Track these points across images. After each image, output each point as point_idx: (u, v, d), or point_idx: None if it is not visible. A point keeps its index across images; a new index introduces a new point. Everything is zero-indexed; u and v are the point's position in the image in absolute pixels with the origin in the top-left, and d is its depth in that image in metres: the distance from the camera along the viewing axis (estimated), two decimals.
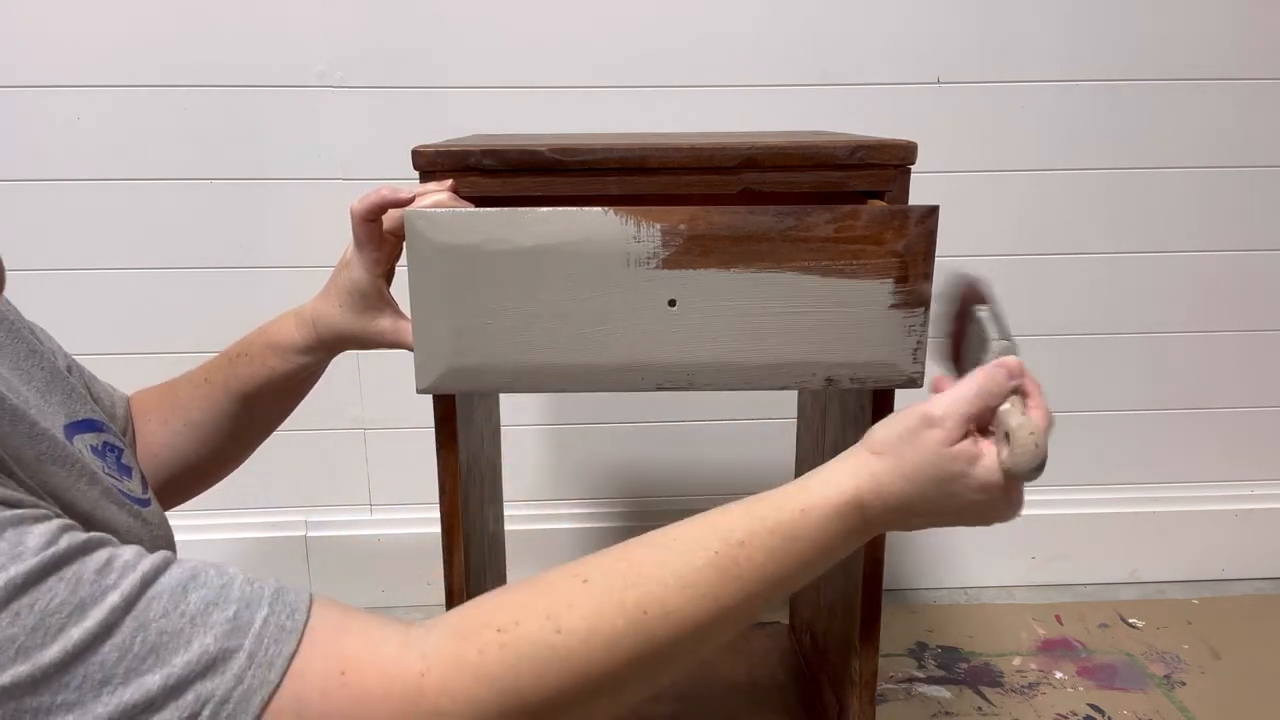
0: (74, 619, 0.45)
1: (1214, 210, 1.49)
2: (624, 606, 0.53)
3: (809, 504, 0.58)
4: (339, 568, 1.56)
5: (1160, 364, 1.56)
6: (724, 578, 0.55)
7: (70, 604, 0.45)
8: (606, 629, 0.53)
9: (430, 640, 0.52)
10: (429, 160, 0.77)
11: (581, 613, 0.53)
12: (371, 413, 1.51)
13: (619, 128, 1.39)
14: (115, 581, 0.47)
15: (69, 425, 0.66)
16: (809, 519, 0.58)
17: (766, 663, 1.22)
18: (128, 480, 0.68)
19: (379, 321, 0.79)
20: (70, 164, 1.37)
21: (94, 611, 0.46)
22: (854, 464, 0.60)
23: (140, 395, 0.85)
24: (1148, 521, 1.61)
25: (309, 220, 1.41)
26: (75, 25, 1.32)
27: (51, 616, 0.45)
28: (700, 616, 0.55)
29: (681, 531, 0.58)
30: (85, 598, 0.46)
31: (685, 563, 0.55)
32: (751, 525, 0.57)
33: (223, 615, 0.48)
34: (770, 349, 0.73)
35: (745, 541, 0.56)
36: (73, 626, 0.45)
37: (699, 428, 1.54)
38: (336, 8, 1.33)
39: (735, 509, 0.59)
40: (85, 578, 0.46)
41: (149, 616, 0.47)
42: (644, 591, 0.54)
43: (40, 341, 0.71)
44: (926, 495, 0.58)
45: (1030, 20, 1.39)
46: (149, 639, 0.46)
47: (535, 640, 0.52)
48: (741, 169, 0.78)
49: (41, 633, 0.44)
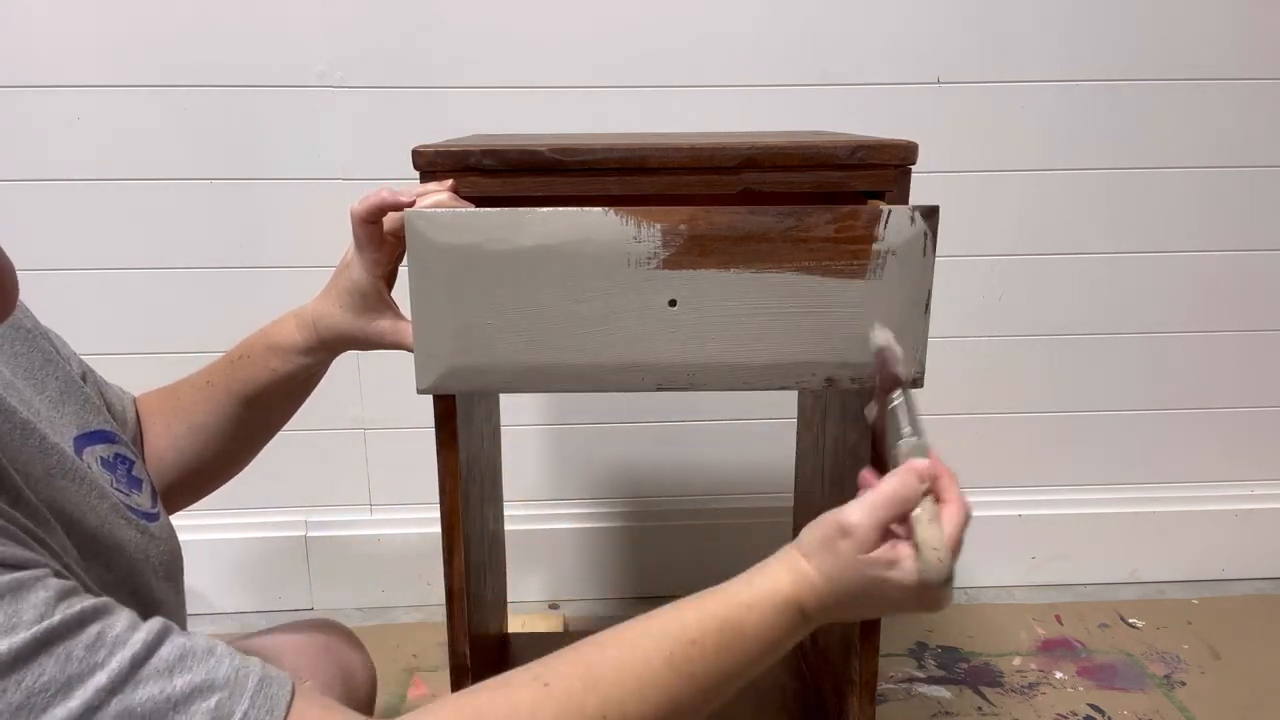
0: (59, 699, 0.45)
1: (1214, 210, 1.49)
2: (584, 711, 0.54)
3: (753, 600, 0.60)
4: (339, 568, 1.56)
5: (1160, 364, 1.56)
6: (679, 676, 0.57)
7: (58, 682, 0.45)
8: None
9: None
10: (429, 160, 0.77)
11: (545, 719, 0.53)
12: (371, 413, 1.51)
13: (619, 128, 1.39)
14: (104, 659, 0.47)
15: (80, 436, 0.66)
16: (754, 615, 0.60)
17: None
18: (137, 494, 0.68)
19: (379, 322, 0.79)
20: (70, 164, 1.37)
21: (79, 692, 0.46)
22: (789, 564, 0.62)
23: (143, 399, 0.85)
24: (1148, 521, 1.61)
25: (309, 220, 1.41)
26: (75, 25, 1.32)
27: (38, 695, 0.45)
28: (657, 714, 0.56)
29: (636, 630, 0.59)
30: (73, 676, 0.46)
31: (642, 664, 0.57)
32: (703, 621, 0.59)
33: (205, 704, 0.49)
34: (770, 349, 0.73)
35: (697, 640, 0.58)
36: (57, 706, 0.45)
37: (699, 428, 1.54)
38: (336, 8, 1.33)
39: (686, 605, 0.60)
40: (75, 655, 0.46)
41: (134, 701, 0.47)
42: (604, 695, 0.55)
43: (56, 349, 0.71)
44: (855, 595, 0.60)
45: (1030, 20, 1.39)
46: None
47: None
48: (741, 169, 0.78)
49: (26, 711, 0.45)
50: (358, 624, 1.51)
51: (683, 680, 0.57)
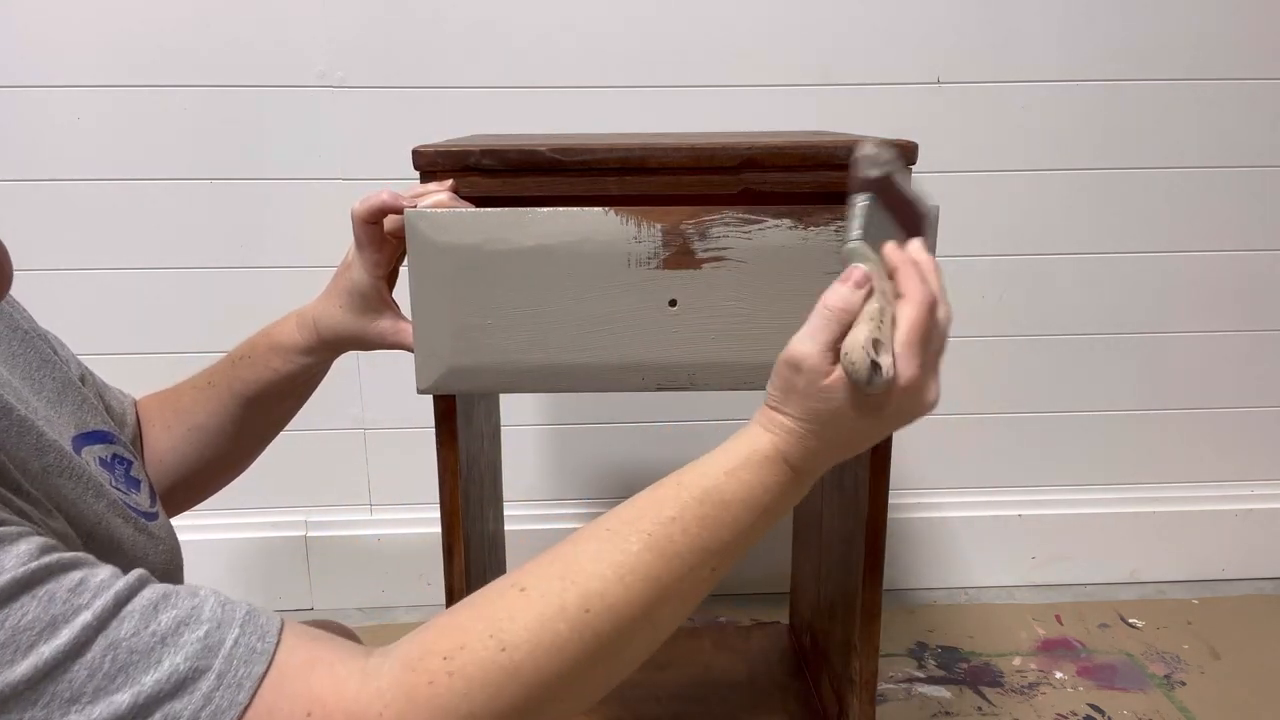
0: (45, 636, 0.45)
1: (1214, 210, 1.49)
2: (565, 610, 0.53)
3: (732, 465, 0.58)
4: (339, 568, 1.56)
5: (1160, 364, 1.56)
6: (661, 557, 0.55)
7: (42, 621, 0.45)
8: (550, 637, 0.52)
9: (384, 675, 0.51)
10: (429, 160, 0.77)
11: (523, 624, 0.52)
12: (371, 413, 1.51)
13: (619, 128, 1.39)
14: (88, 601, 0.47)
15: (78, 436, 0.66)
16: (735, 480, 0.57)
17: (766, 663, 1.22)
18: (135, 494, 0.68)
19: (379, 323, 0.79)
20: (70, 164, 1.37)
21: (65, 630, 0.46)
22: (764, 420, 0.59)
23: (144, 401, 0.85)
24: (1148, 521, 1.61)
25: (309, 220, 1.41)
26: (75, 25, 1.32)
27: (23, 634, 0.45)
28: (645, 601, 0.54)
29: (613, 519, 0.57)
30: (57, 615, 0.46)
31: (621, 551, 0.55)
32: (680, 497, 0.57)
33: (193, 635, 0.48)
34: (770, 348, 0.73)
35: (676, 516, 0.56)
36: (43, 644, 0.45)
37: (699, 428, 1.54)
38: (336, 8, 1.33)
39: (663, 485, 0.58)
40: (58, 596, 0.46)
41: (120, 635, 0.47)
42: (584, 589, 0.53)
43: (54, 350, 0.71)
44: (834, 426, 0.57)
45: (1030, 20, 1.39)
46: (119, 658, 0.46)
47: (481, 661, 0.51)
48: (741, 169, 0.78)
49: (12, 649, 0.44)
50: (358, 624, 1.51)
51: (666, 560, 0.55)
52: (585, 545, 0.56)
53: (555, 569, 0.55)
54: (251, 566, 1.55)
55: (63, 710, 0.45)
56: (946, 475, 1.60)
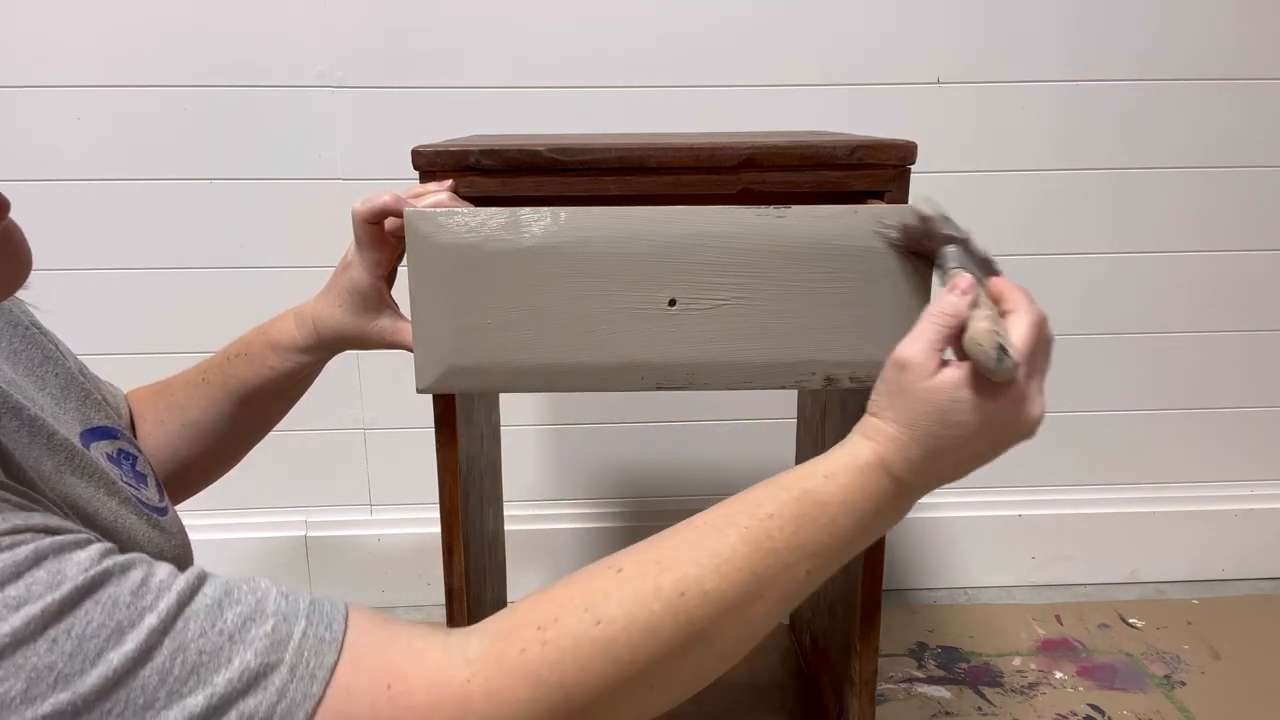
0: (112, 643, 0.45)
1: (1214, 210, 1.49)
2: (660, 591, 0.53)
3: (831, 470, 0.58)
4: (339, 568, 1.56)
5: (1160, 364, 1.56)
6: (757, 551, 0.55)
7: (107, 628, 0.45)
8: (645, 615, 0.52)
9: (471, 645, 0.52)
10: (429, 160, 0.77)
11: (618, 601, 0.52)
12: (371, 413, 1.51)
13: (619, 128, 1.39)
14: (151, 603, 0.46)
15: (85, 433, 0.66)
16: (834, 483, 0.57)
17: (766, 663, 1.22)
18: (144, 488, 0.68)
19: (379, 322, 0.79)
20: (70, 164, 1.37)
21: (131, 635, 0.45)
22: (865, 429, 0.60)
23: (134, 394, 0.85)
24: (1148, 521, 1.61)
25: (309, 220, 1.41)
26: (75, 25, 1.32)
27: (89, 642, 0.44)
28: (739, 592, 0.54)
29: (710, 514, 0.58)
30: (122, 621, 0.45)
31: (717, 541, 0.55)
32: (778, 496, 0.57)
33: (260, 630, 0.48)
34: (770, 348, 0.73)
35: (774, 513, 0.56)
36: (111, 651, 0.44)
37: (699, 428, 1.54)
38: (336, 8, 1.33)
39: (761, 485, 0.59)
40: (121, 600, 0.46)
41: (187, 637, 0.46)
42: (679, 574, 0.53)
43: (55, 346, 0.71)
44: (938, 434, 0.57)
45: (1030, 20, 1.39)
46: (189, 659, 0.46)
47: (575, 634, 0.51)
48: (741, 169, 0.78)
49: (80, 659, 0.44)
50: None
51: (762, 554, 0.55)
52: (682, 535, 0.56)
53: (651, 554, 0.55)
54: (251, 567, 1.55)
55: (137, 716, 0.44)
56: None
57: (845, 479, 0.57)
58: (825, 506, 0.57)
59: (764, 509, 0.56)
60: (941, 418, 0.57)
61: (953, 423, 0.57)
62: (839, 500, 0.57)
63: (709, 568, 0.54)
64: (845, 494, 0.57)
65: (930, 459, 0.58)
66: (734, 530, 0.55)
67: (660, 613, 0.52)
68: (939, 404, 0.57)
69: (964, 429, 0.57)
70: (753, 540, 0.55)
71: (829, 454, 0.60)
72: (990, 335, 0.55)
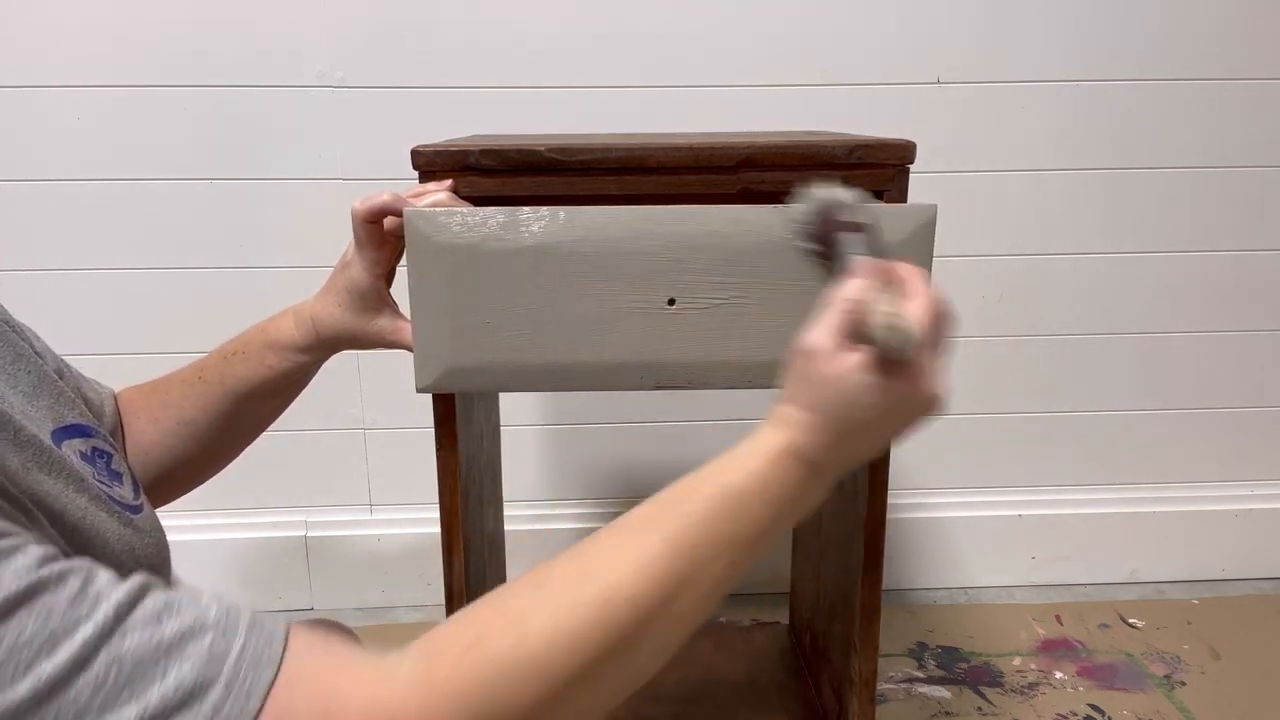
0: (44, 653, 0.44)
1: (1214, 210, 1.49)
2: (582, 603, 0.53)
3: (744, 462, 0.58)
4: (339, 568, 1.56)
5: (1160, 364, 1.56)
6: (678, 551, 0.55)
7: (40, 637, 0.44)
8: (569, 629, 0.52)
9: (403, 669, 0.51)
10: (428, 160, 0.77)
11: (541, 618, 0.52)
12: (371, 413, 1.51)
13: (619, 128, 1.39)
14: (88, 612, 0.46)
15: (56, 431, 0.65)
16: (749, 475, 0.58)
17: (766, 663, 1.22)
18: (118, 486, 0.67)
19: (378, 321, 0.79)
20: (70, 164, 1.37)
21: (65, 645, 0.45)
22: (776, 417, 0.60)
23: (128, 393, 0.84)
24: (1148, 521, 1.61)
25: (309, 220, 1.41)
26: (75, 25, 1.32)
27: (21, 651, 0.44)
28: (663, 593, 0.54)
29: (631, 517, 0.58)
30: (56, 630, 0.45)
31: (638, 546, 0.55)
32: (698, 492, 0.57)
33: (198, 646, 0.47)
34: (770, 348, 0.73)
35: (692, 510, 0.56)
36: (43, 661, 0.44)
37: (699, 428, 1.54)
38: (336, 8, 1.33)
39: (680, 483, 0.59)
40: (57, 609, 0.45)
41: (123, 649, 0.46)
42: (601, 583, 0.54)
43: (30, 344, 0.70)
44: (845, 417, 0.58)
45: (1030, 20, 1.39)
46: (124, 671, 0.45)
47: (500, 653, 0.51)
48: (740, 169, 0.78)
49: (11, 668, 0.43)
50: (358, 624, 1.51)
51: (684, 553, 0.55)
52: (603, 542, 0.56)
53: (574, 565, 0.55)
54: (251, 566, 1.55)
55: None
56: (946, 475, 1.60)
57: (759, 468, 0.58)
58: (742, 498, 0.57)
59: (682, 507, 0.57)
60: (847, 400, 0.58)
61: (858, 404, 0.58)
62: (755, 491, 0.58)
63: (630, 572, 0.54)
64: (761, 484, 0.58)
65: (839, 441, 0.59)
66: (655, 533, 0.55)
67: (587, 622, 0.52)
68: (844, 388, 0.58)
69: (869, 410, 0.58)
70: (673, 540, 0.55)
71: (742, 446, 0.60)
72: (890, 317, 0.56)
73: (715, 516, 0.56)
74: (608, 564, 0.55)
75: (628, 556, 0.55)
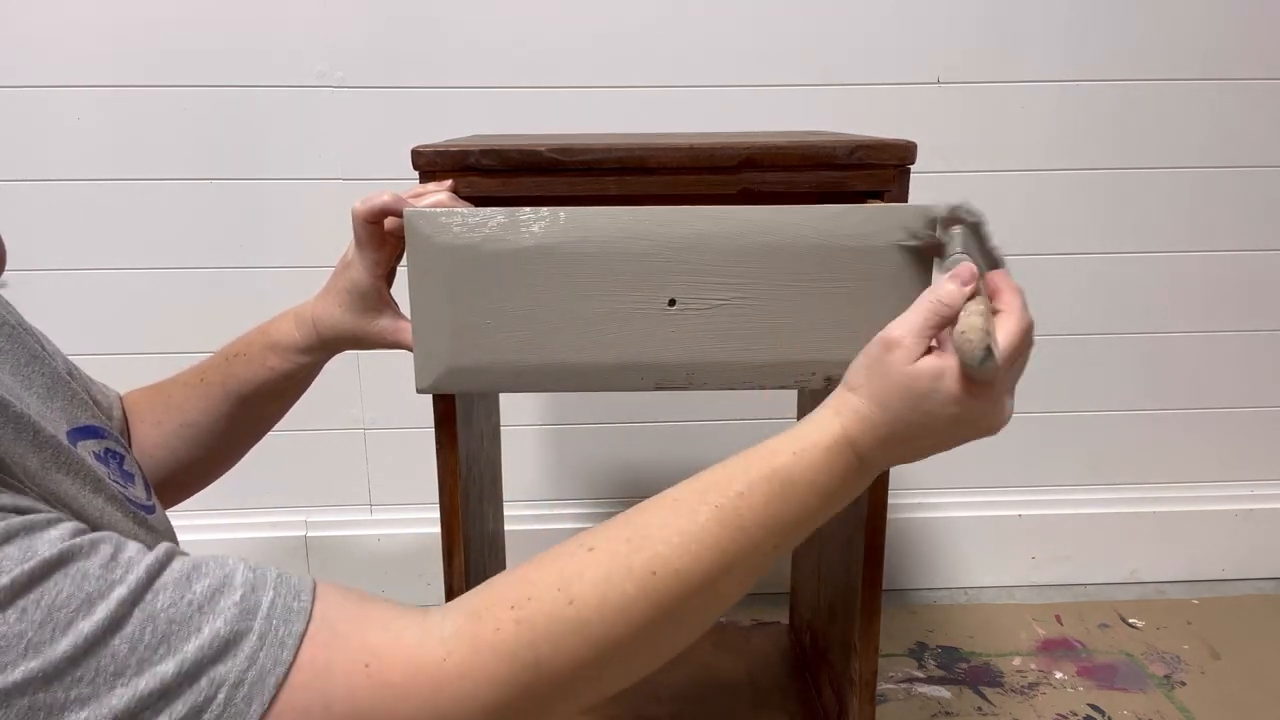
0: (81, 613, 0.45)
1: (1214, 210, 1.49)
2: (632, 570, 0.54)
3: (800, 447, 0.59)
4: (339, 568, 1.56)
5: (1160, 364, 1.56)
6: (727, 529, 0.56)
7: (77, 598, 0.46)
8: (617, 595, 0.53)
9: (447, 625, 0.52)
10: (428, 160, 0.77)
11: (591, 581, 0.53)
12: (371, 413, 1.51)
13: (619, 128, 1.39)
14: (121, 576, 0.47)
15: (71, 431, 0.66)
16: (803, 461, 0.58)
17: (766, 663, 1.22)
18: (132, 487, 0.68)
19: (379, 321, 0.79)
20: (70, 164, 1.37)
21: (101, 605, 0.46)
22: (836, 404, 0.61)
23: (131, 395, 0.85)
24: (1148, 521, 1.61)
25: (309, 220, 1.41)
26: (75, 25, 1.32)
27: (59, 611, 0.45)
28: (709, 571, 0.55)
29: (681, 490, 0.58)
30: (91, 592, 0.46)
31: (688, 520, 0.56)
32: (749, 474, 0.58)
33: (229, 600, 0.49)
34: (770, 348, 0.73)
35: (744, 492, 0.57)
36: (81, 620, 0.45)
37: (699, 428, 1.54)
38: (336, 8, 1.33)
39: (732, 461, 0.59)
40: (91, 573, 0.47)
41: (156, 607, 0.47)
42: (651, 553, 0.54)
43: (41, 345, 0.71)
44: (908, 419, 0.58)
45: (1030, 20, 1.39)
46: (159, 628, 0.47)
47: (549, 613, 0.52)
48: (740, 169, 0.78)
49: (50, 627, 0.45)
50: None
51: (731, 533, 0.56)
52: (654, 513, 0.57)
53: (624, 532, 0.56)
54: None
55: (109, 684, 0.45)
56: (946, 475, 1.60)
57: (813, 456, 0.58)
58: (794, 485, 0.58)
59: (734, 487, 0.57)
60: (916, 404, 0.58)
61: (925, 410, 0.58)
62: (808, 479, 0.58)
63: (680, 547, 0.55)
64: (813, 472, 0.58)
65: (895, 441, 0.59)
66: (705, 509, 0.56)
67: (632, 592, 0.53)
68: (917, 390, 0.58)
69: (933, 418, 0.58)
70: (723, 519, 0.56)
71: (798, 429, 0.60)
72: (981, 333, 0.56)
73: (767, 499, 0.57)
74: (659, 536, 0.55)
75: (678, 530, 0.55)
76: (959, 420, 0.59)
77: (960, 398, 0.58)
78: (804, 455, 0.58)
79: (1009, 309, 0.60)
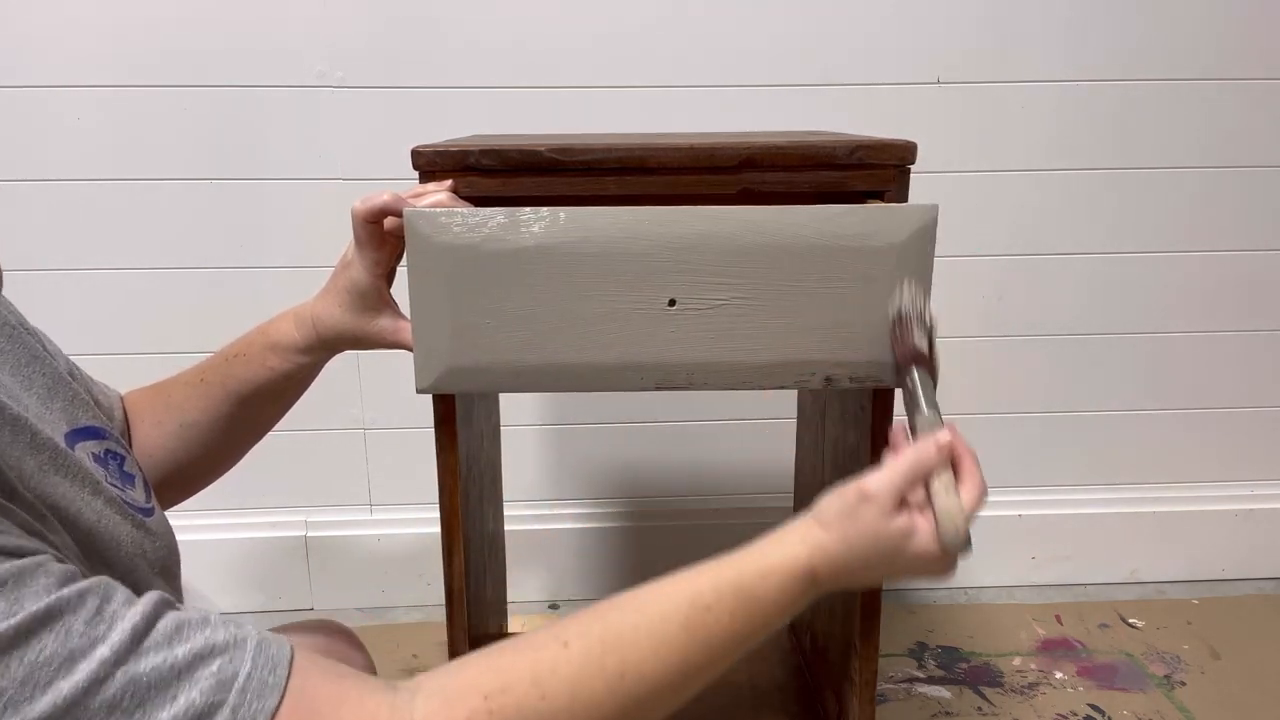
0: (63, 672, 0.46)
1: (1214, 210, 1.49)
2: (604, 671, 0.56)
3: (767, 569, 0.62)
4: (339, 568, 1.56)
5: (1160, 364, 1.56)
6: (693, 640, 0.59)
7: (59, 656, 0.46)
8: (586, 693, 0.56)
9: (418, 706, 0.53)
10: (429, 160, 0.77)
11: (564, 677, 0.56)
12: (371, 413, 1.51)
13: (619, 128, 1.39)
14: (104, 633, 0.47)
15: (71, 433, 0.66)
16: (768, 583, 0.62)
17: (766, 663, 1.22)
18: (130, 489, 0.67)
19: (379, 321, 0.79)
20: (70, 164, 1.37)
21: (82, 664, 0.46)
22: (803, 533, 0.64)
23: (131, 396, 0.84)
24: (1148, 521, 1.61)
25: (309, 220, 1.41)
26: (76, 25, 1.32)
27: (40, 670, 0.45)
28: (672, 676, 0.59)
29: (653, 595, 0.61)
30: (74, 650, 0.46)
31: (658, 627, 0.59)
32: (718, 588, 0.61)
33: (208, 670, 0.49)
34: (769, 348, 0.73)
35: (712, 605, 0.60)
36: (61, 680, 0.45)
37: (699, 428, 1.54)
38: (336, 8, 1.33)
39: (702, 572, 0.62)
40: (75, 629, 0.47)
41: (139, 670, 0.47)
42: (621, 656, 0.57)
43: (43, 345, 0.71)
44: (870, 562, 0.63)
45: (1030, 20, 1.39)
46: (138, 694, 0.47)
47: (521, 706, 0.54)
48: (741, 169, 0.78)
49: (30, 686, 0.45)
50: (358, 624, 1.51)
51: (696, 644, 0.59)
52: (626, 616, 0.60)
53: (597, 630, 0.59)
54: (251, 566, 1.55)
55: None
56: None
57: (779, 580, 0.62)
58: (759, 603, 0.62)
59: (704, 599, 0.60)
60: (880, 552, 0.63)
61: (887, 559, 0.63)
62: (771, 598, 0.62)
63: (648, 651, 0.58)
64: (777, 594, 0.62)
65: (848, 574, 0.64)
66: (675, 618, 0.59)
67: (601, 691, 0.56)
68: (884, 543, 0.63)
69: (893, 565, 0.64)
70: (690, 630, 0.59)
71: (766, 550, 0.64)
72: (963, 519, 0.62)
73: (731, 616, 0.61)
74: (630, 640, 0.58)
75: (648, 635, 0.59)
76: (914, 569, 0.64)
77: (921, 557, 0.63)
78: (770, 578, 0.62)
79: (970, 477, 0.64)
